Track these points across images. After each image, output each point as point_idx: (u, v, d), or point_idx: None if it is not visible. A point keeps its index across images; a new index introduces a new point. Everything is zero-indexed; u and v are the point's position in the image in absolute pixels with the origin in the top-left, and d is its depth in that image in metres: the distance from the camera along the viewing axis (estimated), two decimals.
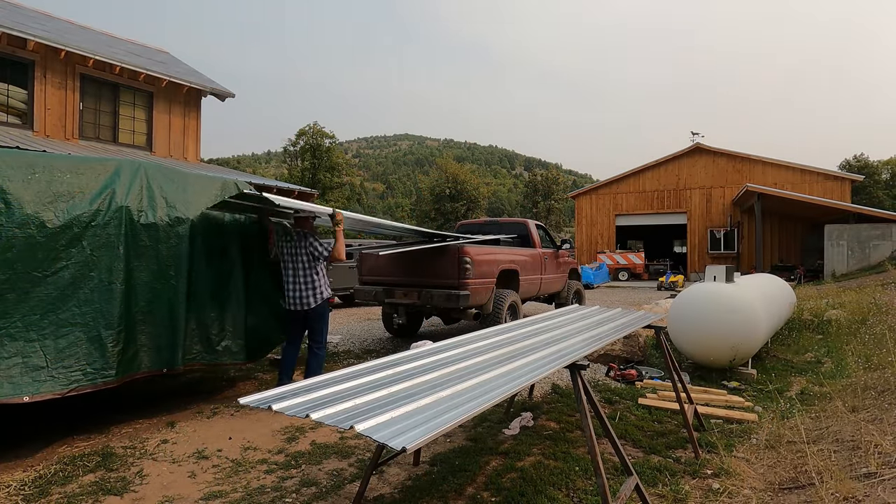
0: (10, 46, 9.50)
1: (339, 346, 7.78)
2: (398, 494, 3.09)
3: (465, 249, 6.89)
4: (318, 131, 41.53)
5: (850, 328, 7.54)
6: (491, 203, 66.64)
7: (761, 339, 5.76)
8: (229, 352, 4.79)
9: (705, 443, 3.87)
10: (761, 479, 3.30)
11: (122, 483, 3.16)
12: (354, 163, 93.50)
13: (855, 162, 51.27)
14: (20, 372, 3.39)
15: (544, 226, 10.12)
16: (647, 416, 4.56)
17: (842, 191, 22.32)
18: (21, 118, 9.83)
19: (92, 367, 3.73)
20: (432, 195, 45.82)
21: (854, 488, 2.78)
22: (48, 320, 3.56)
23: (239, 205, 5.02)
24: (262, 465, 3.49)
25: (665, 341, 4.05)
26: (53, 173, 3.74)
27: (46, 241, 3.58)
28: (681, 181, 25.28)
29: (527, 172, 75.79)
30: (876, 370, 5.17)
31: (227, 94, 13.06)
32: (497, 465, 3.49)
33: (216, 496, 3.04)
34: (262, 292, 5.24)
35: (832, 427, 3.94)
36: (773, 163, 23.47)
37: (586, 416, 2.38)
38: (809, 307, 9.10)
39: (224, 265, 4.86)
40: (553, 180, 51.98)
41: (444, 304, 6.84)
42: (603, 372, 6.14)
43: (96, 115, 10.92)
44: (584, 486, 3.18)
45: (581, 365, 2.49)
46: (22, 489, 3.05)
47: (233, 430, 4.13)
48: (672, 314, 5.92)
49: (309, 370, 4.92)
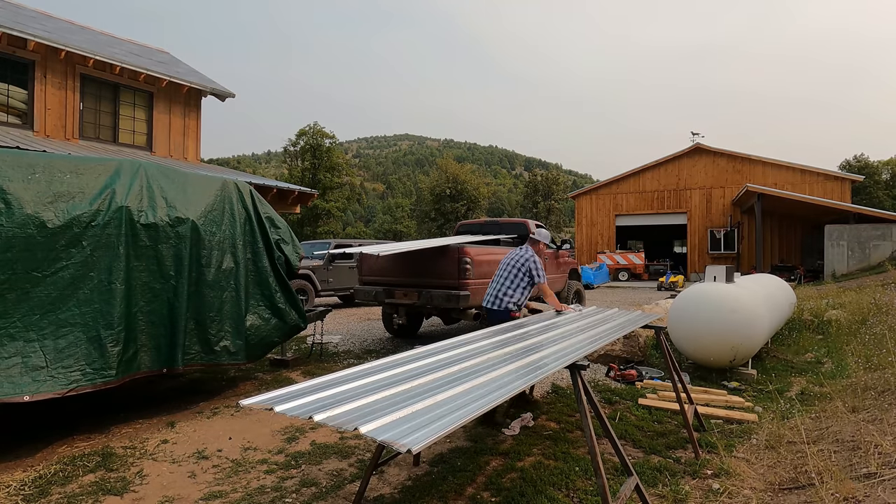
0: (11, 46, 9.50)
1: (340, 346, 7.78)
2: (398, 494, 3.09)
3: (465, 249, 6.89)
4: (318, 131, 41.55)
5: (851, 328, 7.54)
6: (491, 203, 66.64)
7: (761, 340, 5.76)
8: (228, 352, 4.79)
9: (705, 443, 3.87)
10: (761, 480, 3.30)
11: (122, 483, 3.16)
12: (354, 163, 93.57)
13: (855, 162, 51.30)
14: (20, 372, 3.39)
15: (544, 226, 10.12)
16: (647, 416, 4.56)
17: (842, 191, 22.33)
18: (21, 118, 9.83)
19: (91, 367, 3.73)
20: (432, 195, 45.82)
21: (854, 488, 2.77)
22: (48, 320, 3.56)
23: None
24: (262, 465, 3.49)
25: (665, 341, 4.05)
26: (54, 173, 3.75)
27: (46, 241, 3.58)
28: (681, 181, 25.28)
29: (527, 172, 75.80)
30: (876, 370, 5.17)
31: (227, 94, 13.06)
32: (497, 466, 3.49)
33: (216, 496, 3.04)
34: (262, 292, 5.23)
35: (832, 427, 3.94)
36: (773, 163, 23.48)
37: (586, 417, 2.38)
38: (809, 307, 9.10)
39: (224, 265, 4.86)
40: (553, 180, 51.97)
41: (444, 304, 6.84)
42: (603, 372, 6.14)
43: (96, 115, 10.92)
44: (584, 487, 3.18)
45: (581, 365, 2.49)
46: (22, 489, 3.05)
47: (233, 431, 4.13)
48: (672, 314, 5.92)
49: None
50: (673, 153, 25.58)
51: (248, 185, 5.42)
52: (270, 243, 5.37)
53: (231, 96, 13.14)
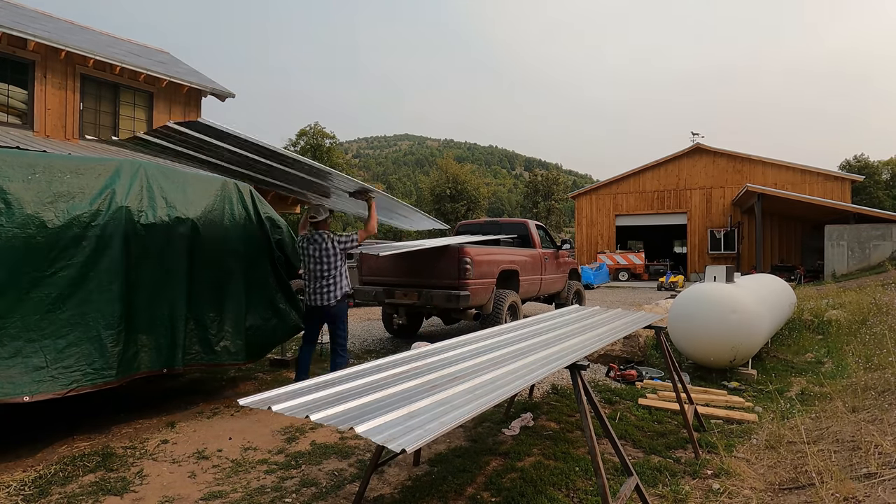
0: (11, 46, 9.50)
1: None
2: (398, 495, 3.08)
3: (465, 250, 6.89)
4: (318, 131, 41.50)
5: (851, 328, 7.54)
6: (491, 203, 66.63)
7: (761, 340, 5.76)
8: (228, 352, 4.79)
9: (705, 443, 3.86)
10: (761, 480, 3.30)
11: (122, 483, 3.16)
12: (355, 163, 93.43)
13: (855, 162, 51.26)
14: (20, 372, 3.39)
15: (544, 226, 10.12)
16: (648, 416, 4.56)
17: (842, 191, 22.32)
18: (21, 118, 9.83)
19: (92, 368, 3.73)
20: (432, 195, 45.76)
21: (854, 489, 2.78)
22: (48, 320, 3.56)
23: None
24: (262, 465, 3.49)
25: (665, 341, 4.05)
26: (54, 173, 3.74)
27: (46, 241, 3.58)
28: (681, 181, 25.28)
29: (527, 172, 75.78)
30: (876, 370, 5.17)
31: (227, 94, 13.06)
32: (497, 466, 3.49)
33: (216, 496, 3.04)
34: (262, 292, 5.23)
35: (832, 427, 3.94)
36: (773, 163, 23.47)
37: (586, 417, 2.38)
38: (809, 307, 9.10)
39: (224, 265, 4.86)
40: (553, 180, 51.93)
41: (444, 304, 6.84)
42: (603, 372, 6.14)
43: (96, 115, 10.92)
44: (584, 487, 3.18)
45: (581, 365, 2.49)
46: (22, 489, 3.05)
47: (233, 431, 4.13)
48: (672, 314, 5.92)
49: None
50: (673, 153, 25.58)
51: (248, 185, 5.42)
52: (270, 243, 5.36)
53: (231, 96, 13.14)
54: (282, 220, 5.65)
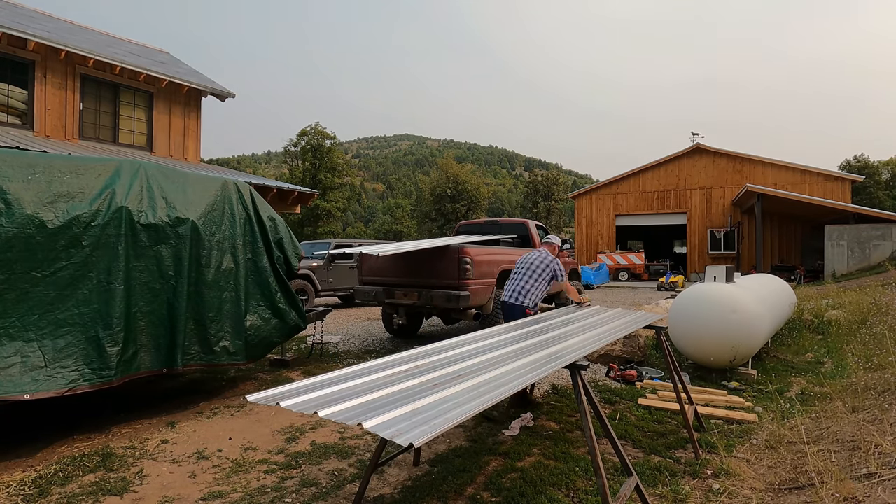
0: (11, 46, 9.50)
1: (340, 346, 7.78)
2: (398, 495, 3.08)
3: (465, 250, 6.88)
4: (319, 132, 41.51)
5: (851, 328, 7.54)
6: (491, 203, 66.61)
7: (761, 340, 5.76)
8: (228, 352, 4.79)
9: (705, 443, 3.86)
10: (761, 480, 3.30)
11: (122, 483, 3.16)
12: (355, 163, 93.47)
13: (855, 162, 51.28)
14: (19, 371, 3.39)
15: (544, 226, 10.12)
16: (648, 416, 4.56)
17: (842, 191, 22.32)
18: (21, 118, 9.83)
19: (90, 368, 3.73)
20: (433, 195, 45.76)
21: (854, 489, 2.77)
22: (47, 320, 3.56)
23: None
24: (262, 465, 3.49)
25: (665, 341, 4.05)
26: (53, 173, 3.75)
27: (46, 241, 3.58)
28: (681, 181, 25.28)
29: (527, 172, 75.77)
30: (876, 370, 5.17)
31: (227, 94, 13.06)
32: (497, 466, 3.49)
33: (216, 496, 3.04)
34: (262, 292, 5.23)
35: (832, 427, 3.94)
36: (773, 163, 23.48)
37: (586, 417, 2.38)
38: (809, 307, 9.09)
39: (224, 265, 4.86)
40: (553, 180, 51.94)
41: (444, 304, 6.84)
42: (603, 372, 6.14)
43: (96, 116, 10.92)
44: (584, 487, 3.17)
45: (581, 365, 2.49)
46: (22, 489, 3.05)
47: (233, 431, 4.12)
48: (672, 314, 5.92)
49: None
50: (673, 153, 25.58)
51: (248, 186, 5.42)
52: (270, 243, 5.37)
53: (231, 96, 13.13)
54: (282, 221, 5.66)
